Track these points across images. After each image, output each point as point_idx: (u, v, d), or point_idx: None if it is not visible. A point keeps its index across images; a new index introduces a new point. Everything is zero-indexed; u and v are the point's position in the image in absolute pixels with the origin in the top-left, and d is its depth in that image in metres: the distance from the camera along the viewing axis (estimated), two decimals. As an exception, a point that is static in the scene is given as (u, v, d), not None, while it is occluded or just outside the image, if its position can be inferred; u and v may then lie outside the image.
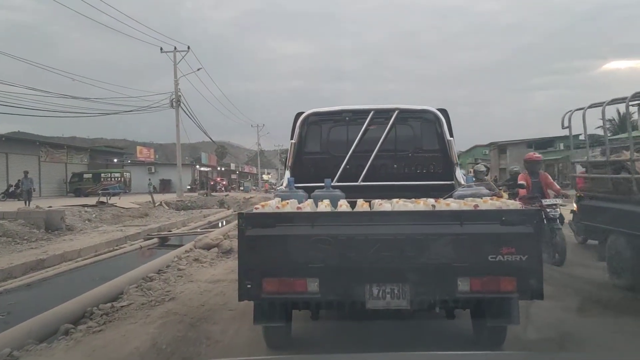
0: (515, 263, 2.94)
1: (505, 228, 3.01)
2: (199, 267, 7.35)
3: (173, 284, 6.13)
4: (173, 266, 7.22)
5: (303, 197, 3.99)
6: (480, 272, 3.00)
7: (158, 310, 4.87)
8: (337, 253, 3.03)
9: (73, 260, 10.22)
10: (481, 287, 3.01)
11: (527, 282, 2.99)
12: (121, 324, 4.51)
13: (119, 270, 7.42)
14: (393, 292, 3.07)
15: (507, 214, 3.08)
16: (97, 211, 18.59)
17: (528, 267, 2.96)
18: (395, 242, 3.05)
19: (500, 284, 3.00)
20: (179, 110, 29.69)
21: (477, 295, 3.04)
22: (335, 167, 4.96)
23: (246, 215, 3.15)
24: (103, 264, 9.88)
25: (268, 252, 3.08)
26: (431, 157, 5.17)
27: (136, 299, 5.34)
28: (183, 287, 5.95)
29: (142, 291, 5.66)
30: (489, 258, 2.96)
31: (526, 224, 3.03)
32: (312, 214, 3.34)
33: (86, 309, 4.95)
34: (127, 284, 5.93)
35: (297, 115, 5.09)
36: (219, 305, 5.00)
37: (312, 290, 3.03)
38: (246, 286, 3.04)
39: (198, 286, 5.97)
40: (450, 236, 3.05)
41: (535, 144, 48.83)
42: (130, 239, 13.45)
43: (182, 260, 7.68)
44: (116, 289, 5.71)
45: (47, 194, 33.34)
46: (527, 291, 3.02)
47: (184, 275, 6.61)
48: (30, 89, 20.53)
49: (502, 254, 2.95)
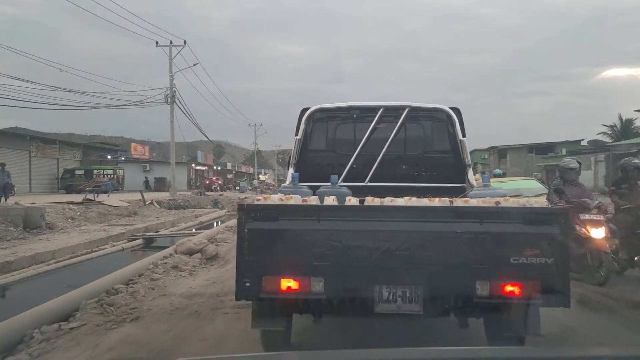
0: (540, 266, 2.76)
1: (530, 228, 2.81)
2: (176, 276, 6.45)
3: (141, 298, 5.21)
4: (146, 275, 6.30)
5: (308, 194, 3.69)
6: (501, 275, 2.81)
7: (113, 336, 3.97)
8: (344, 251, 2.83)
9: (45, 262, 9.34)
10: (502, 292, 2.80)
11: (553, 287, 2.80)
12: (59, 356, 3.60)
13: (91, 276, 6.57)
14: (405, 295, 2.86)
15: (531, 213, 2.90)
16: (82, 209, 17.81)
17: (554, 270, 2.78)
18: (408, 240, 2.85)
19: (523, 288, 2.79)
20: (173, 107, 28.96)
21: (497, 300, 2.80)
22: (341, 167, 4.76)
23: (247, 207, 2.92)
24: (76, 268, 9.00)
25: (269, 247, 2.87)
26: (442, 158, 4.96)
27: (91, 318, 4.43)
28: (152, 303, 5.04)
29: (102, 307, 4.75)
30: (511, 260, 2.77)
31: (552, 224, 2.83)
32: (319, 207, 3.08)
33: (26, 331, 4.03)
34: (86, 297, 5.01)
35: (303, 111, 4.87)
36: (190, 331, 4.13)
37: (316, 291, 2.82)
38: (244, 284, 2.84)
39: (170, 302, 5.07)
40: (469, 235, 2.83)
41: (536, 149, 48.42)
42: (112, 239, 12.63)
43: (158, 267, 6.75)
44: (71, 304, 4.78)
45: (38, 190, 32.69)
46: (553, 297, 2.82)
47: (156, 287, 5.69)
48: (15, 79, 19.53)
49: (526, 255, 2.76)
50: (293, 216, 2.95)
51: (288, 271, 2.85)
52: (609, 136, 44.00)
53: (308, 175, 4.45)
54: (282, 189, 3.93)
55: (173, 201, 26.20)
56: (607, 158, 31.20)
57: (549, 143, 49.76)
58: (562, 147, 46.84)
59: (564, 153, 44.03)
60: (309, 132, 4.98)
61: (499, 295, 2.80)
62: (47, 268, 8.71)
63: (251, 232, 2.85)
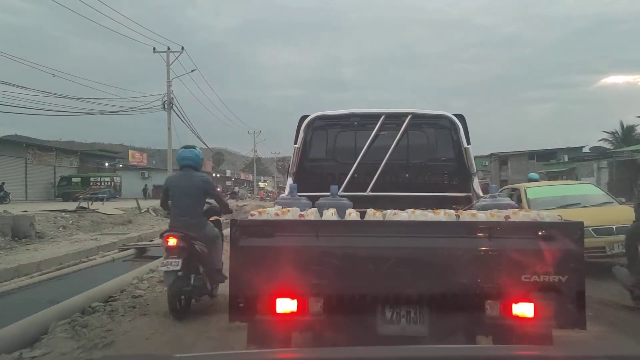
0: (554, 285, 2.62)
1: (542, 243, 2.66)
2: (162, 292, 5.96)
3: (119, 318, 4.74)
4: (129, 291, 5.83)
5: (306, 205, 3.61)
6: (512, 295, 2.65)
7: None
8: (344, 268, 2.70)
9: (28, 275, 8.88)
10: (513, 312, 2.66)
11: (567, 307, 2.66)
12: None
13: (75, 290, 6.13)
14: (409, 316, 2.72)
15: (544, 227, 2.74)
16: (75, 217, 17.39)
17: (569, 289, 2.63)
18: (413, 257, 2.73)
19: (536, 309, 2.64)
20: (171, 113, 28.64)
21: (508, 321, 2.66)
22: (341, 176, 4.64)
23: (240, 222, 2.80)
24: (60, 281, 8.50)
25: (264, 266, 2.70)
26: (446, 166, 4.85)
27: (59, 344, 3.94)
28: (130, 325, 4.56)
29: (74, 330, 4.28)
30: (523, 278, 2.62)
31: (567, 239, 2.68)
32: (317, 223, 2.95)
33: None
34: (58, 317, 4.54)
35: (302, 119, 4.77)
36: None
37: (314, 311, 2.67)
38: (238, 305, 2.70)
39: (150, 323, 4.60)
40: (477, 252, 2.70)
41: (537, 156, 48.16)
42: (103, 249, 12.21)
43: (143, 282, 6.29)
44: (40, 327, 4.31)
45: (34, 198, 32.43)
46: (567, 318, 2.68)
47: (138, 305, 5.21)
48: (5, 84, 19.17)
49: (539, 273, 2.61)
50: (290, 232, 2.80)
51: (285, 291, 2.70)
52: (610, 143, 43.80)
53: (307, 185, 4.34)
54: (280, 200, 3.79)
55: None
56: (610, 165, 30.99)
57: (550, 150, 49.53)
58: (564, 154, 46.62)
59: (566, 160, 43.75)
60: (309, 140, 4.86)
61: (509, 316, 2.66)
62: (30, 281, 8.22)
63: (245, 249, 2.72)
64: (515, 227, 2.82)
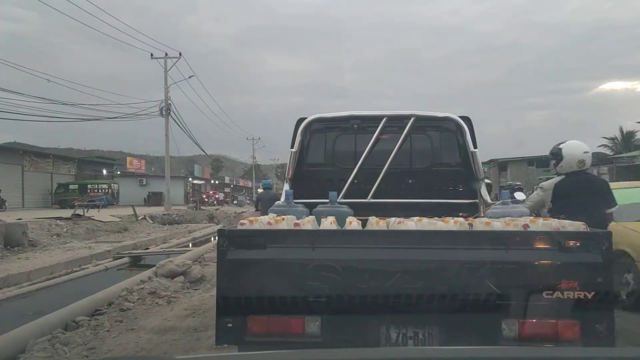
0: (579, 301, 2.37)
1: (565, 255, 2.43)
2: (152, 304, 5.69)
3: (104, 334, 4.45)
4: (117, 304, 5.54)
5: (303, 213, 3.32)
6: (532, 313, 2.42)
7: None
8: (345, 284, 2.46)
9: (17, 285, 8.60)
10: (533, 333, 2.43)
11: (594, 326, 2.42)
12: None
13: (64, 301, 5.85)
14: (417, 338, 2.49)
15: (567, 237, 2.49)
16: (69, 225, 17.10)
17: (595, 307, 2.39)
18: (420, 271, 2.48)
19: (559, 329, 2.41)
20: (168, 119, 28.48)
21: (528, 343, 2.41)
22: (341, 182, 4.42)
23: (229, 232, 2.55)
24: (50, 291, 8.24)
25: (256, 281, 2.49)
26: (452, 171, 4.65)
27: (36, 363, 3.68)
28: (115, 341, 4.28)
29: (54, 348, 4.00)
30: (544, 295, 2.39)
31: (593, 251, 2.44)
32: (314, 232, 2.72)
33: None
34: (37, 334, 4.25)
35: (299, 121, 4.50)
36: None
37: (311, 332, 2.46)
38: (226, 325, 2.48)
39: (137, 339, 4.32)
40: (493, 265, 2.44)
41: (537, 162, 47.99)
42: (97, 257, 11.93)
43: (132, 294, 5.98)
44: (16, 345, 4.01)
45: (31, 205, 32.09)
46: (594, 339, 2.42)
47: (125, 319, 4.93)
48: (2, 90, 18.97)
49: (561, 289, 2.38)
50: (284, 243, 2.57)
51: (278, 309, 2.48)
52: (609, 148, 43.66)
53: (305, 192, 4.14)
54: (275, 207, 3.56)
55: (167, 216, 25.49)
56: (611, 170, 30.88)
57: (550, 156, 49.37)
58: (564, 160, 46.35)
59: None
60: (306, 144, 4.65)
61: (529, 336, 2.41)
62: (17, 292, 7.95)
63: (234, 262, 2.48)
64: (535, 237, 2.57)
